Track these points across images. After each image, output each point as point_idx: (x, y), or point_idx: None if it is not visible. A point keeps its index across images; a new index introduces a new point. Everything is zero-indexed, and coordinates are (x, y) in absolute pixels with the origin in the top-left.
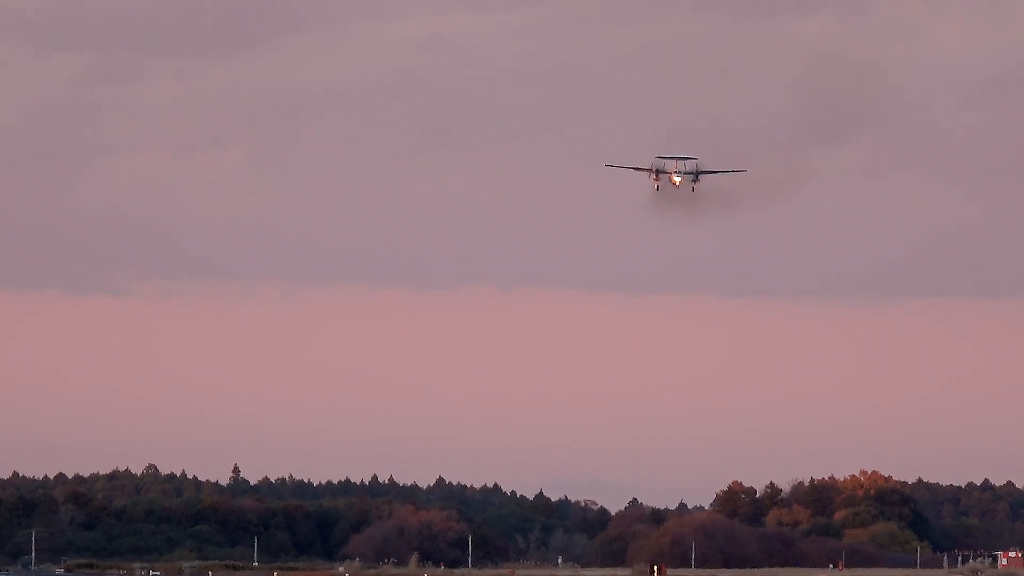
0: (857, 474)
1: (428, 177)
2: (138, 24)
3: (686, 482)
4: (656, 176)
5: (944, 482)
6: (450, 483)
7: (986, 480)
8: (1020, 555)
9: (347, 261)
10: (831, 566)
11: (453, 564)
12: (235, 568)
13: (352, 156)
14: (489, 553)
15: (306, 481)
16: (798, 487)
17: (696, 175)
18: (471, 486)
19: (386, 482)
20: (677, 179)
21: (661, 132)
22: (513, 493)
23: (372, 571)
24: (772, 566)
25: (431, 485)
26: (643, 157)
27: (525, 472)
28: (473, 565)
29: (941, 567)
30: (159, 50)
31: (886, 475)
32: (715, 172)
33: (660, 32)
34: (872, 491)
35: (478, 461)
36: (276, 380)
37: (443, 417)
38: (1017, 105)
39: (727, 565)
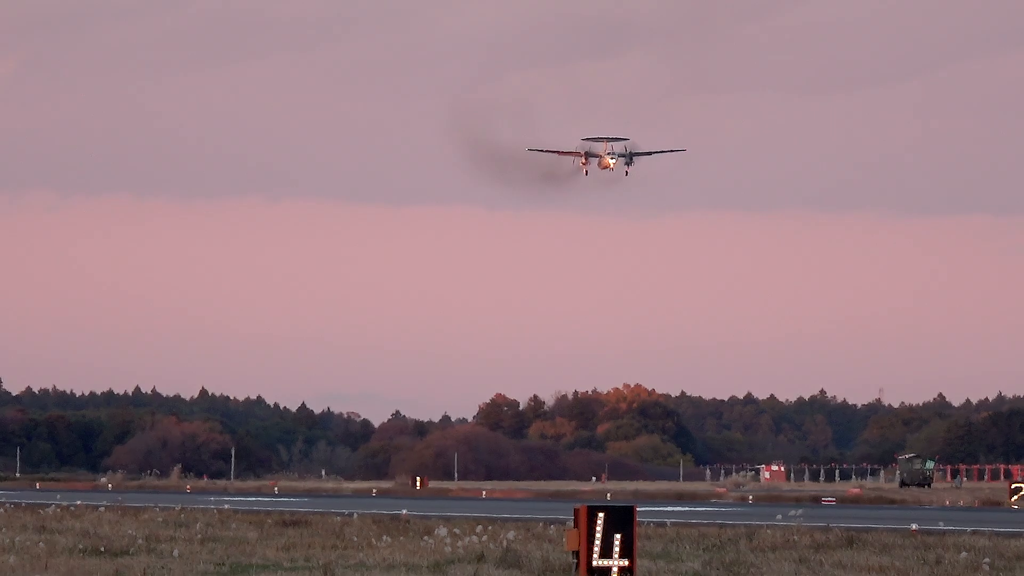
0: (620, 387)
1: (197, 88)
2: None
3: (449, 395)
4: (585, 160)
5: (707, 396)
6: (213, 395)
7: (749, 394)
8: (782, 468)
9: (114, 171)
10: (594, 479)
11: (216, 476)
12: None
13: (121, 67)
14: (252, 465)
15: (69, 392)
16: (561, 400)
17: (630, 157)
18: (234, 398)
19: (149, 393)
20: (611, 162)
21: (441, 43)
22: (276, 405)
23: (134, 482)
24: (535, 479)
25: (194, 397)
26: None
27: (288, 384)
28: (236, 477)
29: (703, 480)
30: None
31: (649, 388)
32: (650, 153)
33: None
34: (635, 404)
35: (241, 373)
36: (40, 290)
37: (206, 328)
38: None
39: (489, 477)
